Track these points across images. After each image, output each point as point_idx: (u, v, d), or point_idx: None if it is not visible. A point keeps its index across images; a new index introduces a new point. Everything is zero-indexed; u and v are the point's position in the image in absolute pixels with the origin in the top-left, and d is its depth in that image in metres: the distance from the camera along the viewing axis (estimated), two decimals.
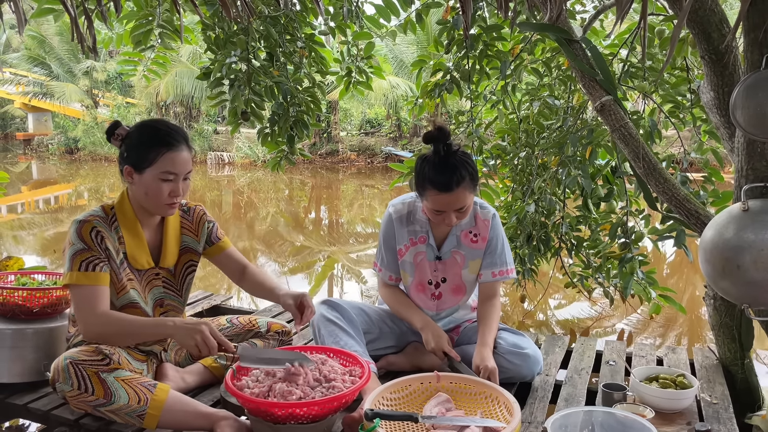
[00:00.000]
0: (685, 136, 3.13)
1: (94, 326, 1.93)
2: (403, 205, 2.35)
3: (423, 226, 2.32)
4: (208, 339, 1.86)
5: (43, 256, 6.70)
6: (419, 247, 2.34)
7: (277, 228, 9.11)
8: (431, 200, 2.11)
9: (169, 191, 1.99)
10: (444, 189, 2.06)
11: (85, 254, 1.93)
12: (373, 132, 19.26)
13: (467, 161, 2.09)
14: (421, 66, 3.39)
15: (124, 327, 1.93)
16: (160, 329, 1.94)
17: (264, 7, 3.00)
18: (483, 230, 2.31)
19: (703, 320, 4.58)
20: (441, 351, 2.20)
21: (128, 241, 2.04)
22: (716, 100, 2.14)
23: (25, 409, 2.06)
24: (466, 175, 2.06)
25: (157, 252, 2.13)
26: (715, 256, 1.89)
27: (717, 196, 2.73)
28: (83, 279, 1.92)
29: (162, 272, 2.15)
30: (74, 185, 14.32)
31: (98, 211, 2.03)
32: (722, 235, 1.88)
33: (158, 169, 1.96)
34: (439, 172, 2.06)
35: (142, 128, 2.03)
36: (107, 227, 2.00)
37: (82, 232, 1.95)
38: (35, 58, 20.86)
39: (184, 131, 2.06)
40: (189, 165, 2.02)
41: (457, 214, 2.13)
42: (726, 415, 2.03)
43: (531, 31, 2.99)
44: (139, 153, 1.98)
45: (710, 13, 2.03)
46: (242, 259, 2.31)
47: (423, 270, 2.36)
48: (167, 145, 1.96)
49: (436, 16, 11.05)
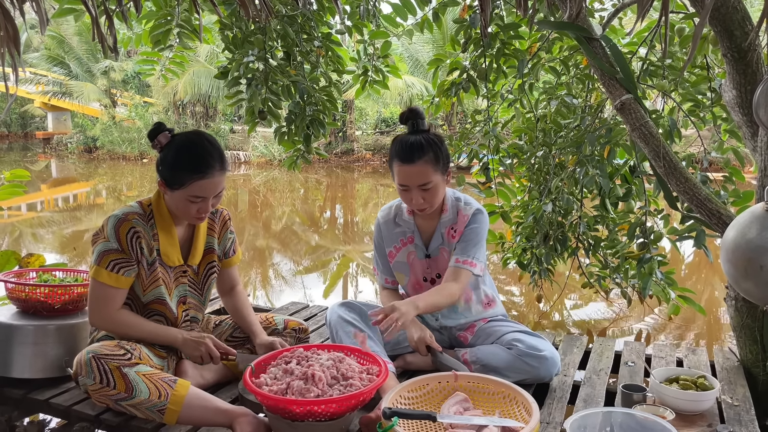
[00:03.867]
0: (705, 136, 3.10)
1: (105, 324, 2.06)
2: (389, 209, 2.46)
3: (409, 226, 2.40)
4: (212, 350, 2.06)
5: (62, 254, 6.79)
6: (409, 247, 2.41)
7: (292, 227, 9.15)
8: (396, 173, 2.21)
9: (196, 210, 2.04)
10: (406, 160, 2.15)
11: (116, 255, 2.00)
12: (388, 131, 19.24)
13: (435, 141, 2.20)
14: (437, 65, 3.39)
15: (132, 331, 2.05)
16: (169, 339, 2.09)
17: (281, 6, 3.01)
18: (461, 225, 2.34)
19: (721, 321, 4.53)
20: (423, 344, 2.20)
21: (162, 239, 2.09)
22: (738, 99, 2.11)
23: (46, 404, 2.09)
24: (429, 151, 2.16)
25: (186, 249, 2.19)
26: (738, 257, 1.86)
27: (738, 196, 2.69)
28: (107, 278, 2.00)
29: (189, 270, 2.21)
30: (92, 184, 14.48)
31: (137, 207, 2.08)
32: (745, 235, 1.85)
33: (187, 192, 2.00)
34: (404, 144, 2.18)
35: (179, 149, 2.02)
36: (144, 224, 2.05)
37: (119, 231, 2.00)
38: (55, 58, 21.12)
39: (221, 152, 2.05)
40: (220, 187, 2.04)
41: (422, 194, 2.19)
42: (747, 418, 2.00)
43: (550, 29, 2.97)
44: (171, 173, 2.01)
45: (733, 11, 2.01)
46: (236, 278, 2.40)
47: (416, 268, 2.43)
48: (198, 173, 1.98)
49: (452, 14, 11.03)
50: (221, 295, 2.40)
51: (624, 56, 2.32)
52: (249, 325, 2.30)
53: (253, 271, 6.31)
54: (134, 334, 2.05)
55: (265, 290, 5.76)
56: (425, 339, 2.22)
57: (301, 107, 3.18)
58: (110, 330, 2.06)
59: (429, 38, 15.45)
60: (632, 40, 3.19)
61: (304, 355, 1.97)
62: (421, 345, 2.21)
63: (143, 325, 2.07)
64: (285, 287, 5.80)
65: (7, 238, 7.52)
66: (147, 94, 20.74)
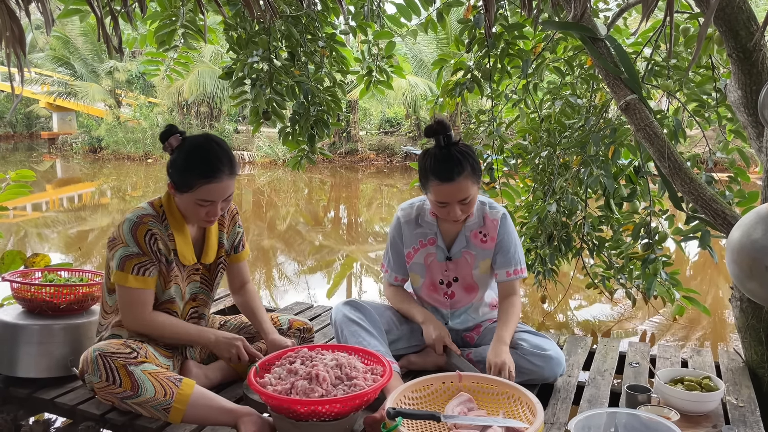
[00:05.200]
0: (710, 136, 3.08)
1: (141, 327, 2.07)
2: (411, 208, 2.39)
3: (431, 228, 2.35)
4: (242, 352, 2.10)
5: (67, 254, 6.81)
6: (429, 248, 2.37)
7: (296, 227, 9.16)
8: (434, 192, 2.14)
9: (205, 213, 2.04)
10: (445, 179, 2.10)
11: (139, 258, 2.01)
12: (392, 131, 19.24)
13: (468, 153, 2.14)
14: (442, 65, 3.39)
15: (167, 332, 2.08)
16: (202, 339, 2.12)
17: (286, 6, 3.02)
18: (492, 230, 2.32)
19: (726, 322, 4.52)
20: (441, 343, 2.21)
21: (177, 239, 2.10)
22: (744, 99, 2.11)
23: (52, 403, 2.10)
24: (467, 166, 2.10)
25: (199, 248, 2.20)
26: (743, 257, 1.86)
27: (743, 197, 2.69)
28: (135, 282, 2.01)
29: (201, 268, 2.22)
30: (97, 184, 14.52)
31: (149, 209, 2.07)
32: (750, 236, 1.85)
33: (196, 196, 2.00)
34: (441, 162, 2.11)
35: (189, 153, 2.02)
36: (160, 225, 2.06)
37: (137, 234, 2.01)
38: (60, 59, 21.17)
39: (230, 156, 2.04)
40: (228, 191, 2.04)
41: (461, 207, 2.15)
42: (753, 419, 2.00)
43: (555, 29, 2.97)
44: (180, 176, 2.01)
45: (738, 11, 2.00)
46: (246, 274, 2.39)
47: (434, 271, 2.39)
48: (207, 177, 1.98)
49: (457, 14, 11.02)
50: (232, 292, 2.39)
51: (629, 56, 2.32)
52: (260, 323, 2.28)
53: (258, 271, 6.32)
54: (169, 334, 2.08)
55: (270, 290, 5.77)
56: (443, 339, 2.22)
57: (305, 107, 3.18)
58: (146, 332, 2.07)
59: (433, 38, 15.42)
60: (637, 40, 3.19)
61: (309, 355, 1.98)
62: (438, 343, 2.22)
63: (178, 326, 2.10)
64: (289, 287, 5.81)
65: (12, 238, 7.54)
66: (152, 94, 20.78)
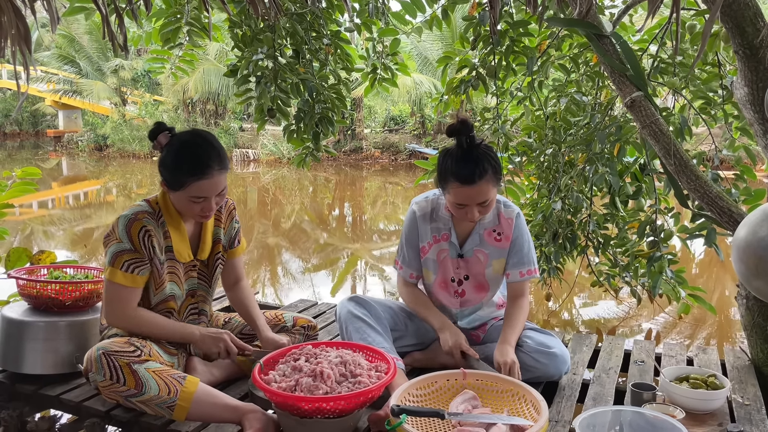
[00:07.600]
0: (716, 133, 3.07)
1: (123, 323, 2.06)
2: (427, 202, 2.34)
3: (446, 223, 2.31)
4: (230, 346, 2.09)
5: (73, 251, 6.83)
6: (442, 244, 2.32)
7: (301, 225, 9.17)
8: (454, 193, 2.10)
9: (200, 209, 2.03)
10: (467, 182, 2.05)
11: (130, 255, 2.01)
12: (397, 129, 19.24)
13: (490, 154, 2.09)
14: (447, 62, 3.38)
15: (150, 330, 2.07)
16: (186, 337, 2.10)
17: (290, 4, 3.02)
18: (507, 229, 2.29)
19: (732, 320, 4.50)
20: (459, 349, 2.17)
21: (173, 236, 2.10)
22: (750, 96, 2.10)
23: (57, 400, 2.11)
24: (488, 168, 2.05)
25: (195, 244, 2.20)
26: (749, 255, 1.85)
27: (749, 194, 2.67)
28: (123, 279, 2.00)
29: (198, 264, 2.22)
30: (103, 182, 14.57)
31: (145, 206, 2.07)
32: (756, 234, 1.84)
33: (188, 193, 1.99)
34: (462, 164, 2.06)
35: (179, 151, 2.01)
36: (155, 223, 2.05)
37: (131, 231, 2.00)
38: (65, 57, 21.23)
39: (219, 150, 2.02)
40: (220, 186, 2.02)
41: (479, 209, 2.12)
42: (758, 417, 1.99)
43: (560, 26, 2.96)
44: (170, 175, 2.01)
45: (744, 7, 1.99)
46: (241, 271, 2.38)
47: (446, 267, 2.34)
48: (197, 174, 1.96)
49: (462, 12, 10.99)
50: (226, 289, 2.38)
51: (634, 53, 2.31)
52: (253, 320, 2.28)
53: (262, 269, 6.33)
54: (151, 332, 2.06)
55: (274, 288, 5.78)
56: (460, 345, 2.18)
57: (310, 105, 3.18)
58: (127, 329, 2.06)
59: (438, 36, 15.40)
60: (643, 37, 3.17)
61: (313, 353, 1.98)
62: (456, 350, 2.18)
63: (160, 323, 2.08)
64: (294, 285, 5.82)
65: (18, 235, 7.57)
66: (157, 92, 20.82)
